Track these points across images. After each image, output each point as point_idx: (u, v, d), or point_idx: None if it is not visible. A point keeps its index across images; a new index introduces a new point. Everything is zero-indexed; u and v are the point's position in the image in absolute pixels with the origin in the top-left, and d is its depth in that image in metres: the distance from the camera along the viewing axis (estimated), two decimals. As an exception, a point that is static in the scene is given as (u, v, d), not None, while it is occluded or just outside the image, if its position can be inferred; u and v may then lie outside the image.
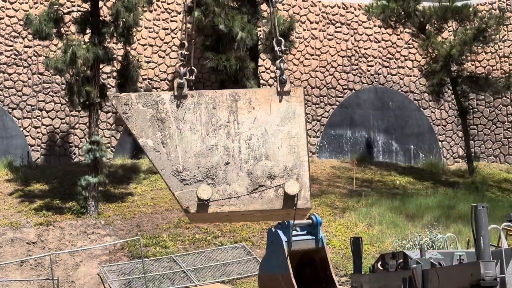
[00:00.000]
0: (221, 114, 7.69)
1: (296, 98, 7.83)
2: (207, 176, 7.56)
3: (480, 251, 10.05)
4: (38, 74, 31.37)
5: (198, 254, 23.44)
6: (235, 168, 7.60)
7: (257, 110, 7.73)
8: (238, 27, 28.02)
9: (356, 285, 14.86)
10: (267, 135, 7.69)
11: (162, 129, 7.61)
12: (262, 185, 7.59)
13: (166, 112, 7.66)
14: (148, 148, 7.58)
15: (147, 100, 7.67)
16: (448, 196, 28.04)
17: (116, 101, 7.64)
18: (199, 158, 7.59)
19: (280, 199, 7.60)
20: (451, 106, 35.35)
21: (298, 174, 7.64)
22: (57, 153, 31.30)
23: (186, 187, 7.52)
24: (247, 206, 7.55)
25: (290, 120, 7.76)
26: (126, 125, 7.89)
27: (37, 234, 24.48)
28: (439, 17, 31.91)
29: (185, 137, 7.62)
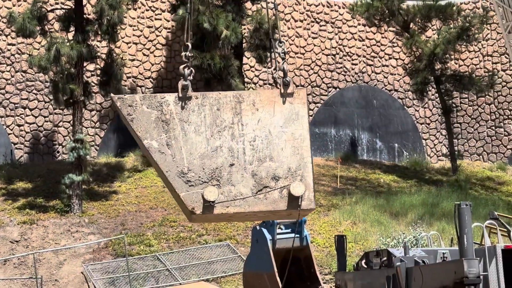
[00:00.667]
0: (225, 115, 7.73)
1: (300, 99, 7.91)
2: (212, 178, 7.59)
3: (464, 249, 10.11)
4: (22, 72, 31.20)
5: (182, 253, 23.41)
6: (239, 170, 7.64)
7: (261, 111, 7.79)
8: (223, 25, 27.99)
9: (340, 283, 14.90)
10: (271, 137, 7.75)
11: (167, 131, 7.62)
12: (266, 186, 7.64)
13: (170, 113, 7.67)
14: (153, 150, 7.58)
15: (152, 101, 7.67)
16: (431, 194, 28.16)
17: (121, 102, 7.64)
18: (204, 160, 7.62)
19: (284, 200, 7.65)
20: (435, 105, 35.50)
21: (302, 175, 7.71)
22: (41, 151, 31.16)
23: (192, 188, 7.54)
24: (252, 207, 7.61)
25: (294, 122, 7.82)
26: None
27: (21, 232, 24.35)
28: (423, 15, 32.04)
29: (190, 139, 7.64)
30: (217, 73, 28.86)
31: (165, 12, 32.96)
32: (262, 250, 12.98)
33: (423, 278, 11.40)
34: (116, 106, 7.73)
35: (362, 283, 13.83)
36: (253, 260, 13.51)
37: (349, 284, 14.44)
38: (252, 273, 13.50)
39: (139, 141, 7.71)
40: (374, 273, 13.29)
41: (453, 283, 10.37)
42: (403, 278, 11.92)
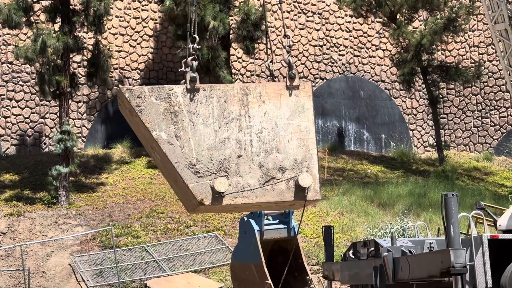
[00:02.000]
0: (232, 107, 7.81)
1: (305, 92, 8.04)
2: (220, 169, 7.67)
3: (450, 239, 10.16)
4: (7, 64, 31.03)
5: (170, 244, 23.41)
6: (247, 161, 7.73)
7: (267, 104, 7.89)
8: (210, 16, 27.93)
9: (328, 274, 14.95)
10: (277, 129, 7.86)
11: (176, 122, 7.68)
12: (273, 178, 7.76)
13: (179, 105, 7.73)
14: (162, 141, 7.63)
15: (160, 93, 7.73)
16: (418, 185, 28.27)
17: (129, 94, 7.69)
18: (212, 151, 7.69)
19: (291, 191, 7.78)
20: (421, 95, 35.60)
21: (307, 166, 7.85)
22: (28, 143, 31.03)
23: (200, 179, 7.62)
24: (260, 198, 7.72)
25: (299, 114, 7.95)
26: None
27: (8, 224, 24.27)
28: (410, 6, 32.08)
29: (198, 130, 7.71)
30: (205, 64, 28.79)
31: (152, 3, 32.85)
32: (250, 241, 13.00)
33: (410, 268, 11.46)
34: (123, 97, 7.74)
35: (350, 273, 13.88)
36: (241, 251, 13.52)
37: (336, 274, 14.49)
38: (240, 264, 13.51)
39: (147, 133, 7.72)
40: (362, 263, 13.34)
41: (439, 272, 10.43)
42: (390, 268, 11.98)
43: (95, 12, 25.94)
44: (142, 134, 8.03)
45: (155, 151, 7.98)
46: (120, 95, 7.91)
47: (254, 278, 12.79)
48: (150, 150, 8.23)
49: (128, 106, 7.79)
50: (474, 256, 10.98)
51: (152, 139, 7.72)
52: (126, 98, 7.70)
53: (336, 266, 14.70)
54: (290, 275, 13.07)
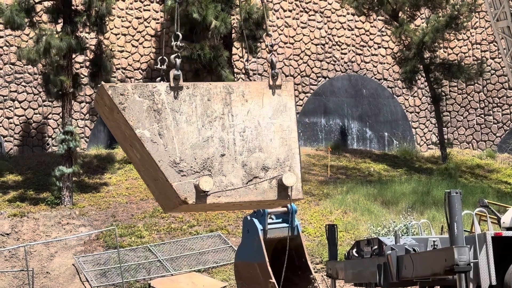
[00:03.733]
0: (215, 106, 7.78)
1: (287, 92, 8.05)
2: (203, 168, 7.64)
3: (454, 236, 10.16)
4: (10, 65, 31.07)
5: (173, 244, 23.42)
6: (230, 160, 7.72)
7: (250, 103, 7.88)
8: (212, 15, 27.93)
9: (331, 272, 14.95)
10: (260, 128, 7.86)
11: (159, 120, 7.63)
12: (256, 177, 7.75)
13: (162, 103, 7.68)
14: (145, 139, 7.57)
15: (143, 90, 7.67)
16: (422, 183, 28.25)
17: (112, 91, 7.60)
18: (195, 150, 7.66)
19: (274, 190, 7.78)
20: (424, 93, 35.58)
21: (290, 166, 7.84)
22: (31, 143, 31.07)
23: (184, 178, 7.58)
24: (243, 197, 7.70)
25: (282, 113, 7.96)
26: (106, 116, 7.73)
27: (11, 225, 24.30)
28: (412, 4, 32.05)
29: (181, 129, 7.67)
30: (207, 64, 28.81)
31: (154, 3, 32.87)
32: (253, 240, 13.00)
33: (414, 266, 11.46)
34: (105, 94, 7.64)
35: (353, 271, 13.88)
36: (245, 250, 13.53)
37: (340, 273, 14.50)
38: (244, 263, 13.52)
39: (129, 131, 7.65)
40: (365, 261, 13.34)
41: (443, 270, 10.43)
42: (394, 266, 11.97)
43: (97, 12, 25.96)
44: (121, 132, 7.94)
45: (134, 149, 7.91)
46: (101, 92, 7.79)
47: (258, 277, 12.80)
48: (128, 148, 8.13)
49: (108, 103, 7.70)
50: (478, 254, 10.98)
51: (134, 137, 7.65)
52: (108, 95, 7.60)
53: (339, 265, 14.70)
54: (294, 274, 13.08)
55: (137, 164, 8.26)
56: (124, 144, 8.22)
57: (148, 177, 8.16)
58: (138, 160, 8.06)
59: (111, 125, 8.15)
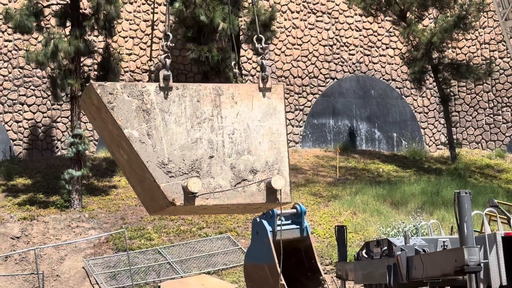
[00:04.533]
0: (205, 107, 7.71)
1: (277, 95, 7.96)
2: (192, 169, 7.56)
3: (464, 237, 10.13)
4: (19, 68, 31.17)
5: (183, 246, 23.44)
6: (219, 162, 7.65)
7: (240, 105, 7.81)
8: (219, 18, 27.96)
9: (341, 273, 14.93)
10: (249, 130, 7.78)
11: (148, 121, 7.55)
12: (245, 179, 7.68)
13: (151, 103, 7.61)
14: (134, 139, 7.49)
15: (133, 90, 7.60)
16: (431, 183, 28.19)
17: (101, 90, 7.50)
18: (184, 151, 7.59)
19: (262, 193, 7.71)
20: (432, 94, 35.50)
21: (278, 169, 7.77)
22: (40, 147, 31.16)
23: (172, 179, 7.50)
24: (231, 199, 7.63)
25: (271, 116, 7.87)
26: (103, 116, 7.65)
27: (21, 228, 24.37)
28: (420, 4, 32.01)
29: (170, 129, 7.59)
30: (215, 66, 28.83)
31: (162, 6, 32.92)
32: (263, 241, 12.99)
33: (424, 266, 11.43)
34: (94, 93, 7.55)
35: (363, 272, 13.85)
36: (254, 252, 13.52)
37: (350, 274, 14.47)
38: (253, 265, 13.51)
39: (117, 130, 7.55)
40: (375, 262, 13.31)
41: (453, 271, 10.40)
42: (404, 267, 11.95)
43: (105, 15, 26.02)
44: (108, 132, 7.85)
45: (121, 150, 7.82)
46: (89, 91, 7.68)
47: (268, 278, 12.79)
48: (115, 149, 8.03)
49: (96, 102, 7.60)
50: (488, 254, 10.94)
51: (122, 137, 7.56)
52: (97, 94, 7.50)
53: (349, 266, 14.68)
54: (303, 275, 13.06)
55: (123, 165, 8.16)
56: (111, 145, 8.12)
57: (134, 179, 8.08)
58: (125, 161, 7.96)
59: (98, 125, 8.05)
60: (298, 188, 27.63)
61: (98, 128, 8.15)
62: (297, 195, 26.70)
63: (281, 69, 33.99)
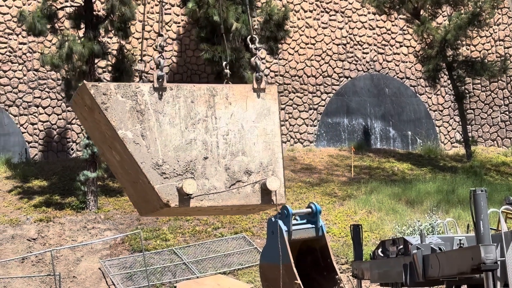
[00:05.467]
0: (199, 108, 7.66)
1: (271, 95, 7.92)
2: (186, 170, 7.51)
3: (480, 235, 10.08)
4: (33, 71, 31.32)
5: (198, 246, 23.47)
6: (213, 163, 7.60)
7: (234, 106, 7.77)
8: (233, 17, 27.96)
9: (357, 272, 14.90)
10: (243, 131, 7.74)
11: (142, 121, 7.48)
12: (239, 181, 7.64)
13: (145, 104, 7.53)
14: (128, 140, 7.40)
15: (126, 90, 7.51)
16: (446, 181, 28.08)
17: (95, 90, 7.41)
18: (178, 152, 7.52)
19: (256, 194, 7.67)
20: (447, 91, 35.37)
21: (273, 170, 7.74)
22: (55, 149, 31.29)
23: (166, 180, 7.43)
24: (226, 201, 7.58)
25: (265, 117, 7.84)
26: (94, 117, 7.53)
27: (37, 230, 24.49)
28: (433, 2, 31.88)
29: (164, 130, 7.53)
30: (229, 66, 28.84)
31: (175, 7, 32.97)
32: (278, 241, 12.98)
33: (440, 265, 11.39)
34: (87, 93, 7.46)
35: (379, 271, 13.82)
36: (269, 252, 13.52)
37: (366, 273, 14.44)
38: (269, 265, 13.51)
39: (110, 131, 7.48)
40: (391, 261, 13.28)
41: (470, 269, 10.35)
42: (420, 265, 11.91)
43: (120, 17, 26.08)
44: (101, 133, 7.76)
45: (113, 151, 7.74)
46: (82, 92, 7.59)
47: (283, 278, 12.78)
48: (106, 150, 7.95)
49: (89, 103, 7.52)
50: (505, 252, 10.88)
51: (115, 138, 7.48)
52: (90, 94, 7.41)
53: (365, 265, 14.65)
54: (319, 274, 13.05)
55: (115, 166, 8.08)
56: (102, 146, 8.03)
57: (126, 180, 8.00)
58: (117, 162, 7.88)
59: (89, 126, 7.96)
60: (313, 188, 27.61)
61: (89, 129, 8.05)
62: (312, 195, 26.67)
63: (294, 69, 33.96)
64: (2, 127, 30.89)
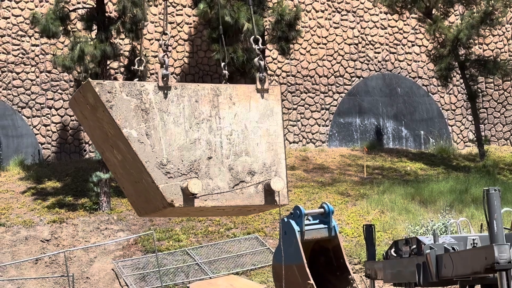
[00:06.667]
0: (203, 108, 7.63)
1: (274, 96, 7.91)
2: (190, 170, 7.47)
3: (494, 234, 10.04)
4: (46, 72, 31.44)
5: (211, 247, 23.50)
6: (217, 163, 7.57)
7: (237, 106, 7.75)
8: (244, 18, 27.98)
9: (370, 272, 14.87)
10: (247, 131, 7.72)
11: (146, 120, 7.44)
12: (243, 181, 7.62)
13: (150, 103, 7.50)
14: (133, 139, 7.35)
15: (131, 89, 7.48)
16: (459, 181, 27.99)
17: (100, 88, 7.37)
18: (182, 152, 7.49)
19: (260, 195, 7.65)
20: (460, 90, 35.25)
21: (276, 171, 7.72)
22: (68, 150, 31.40)
23: (171, 180, 7.39)
24: (229, 201, 7.55)
25: (268, 118, 7.82)
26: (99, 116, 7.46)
27: (51, 231, 24.59)
28: (445, 1, 31.79)
29: (169, 130, 7.49)
30: (240, 67, 28.86)
31: (186, 8, 33.02)
32: (291, 241, 12.98)
33: (454, 265, 11.35)
34: (91, 91, 7.41)
35: (392, 271, 13.79)
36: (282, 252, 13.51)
37: (379, 273, 14.41)
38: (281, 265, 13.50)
39: (114, 130, 7.43)
40: (404, 261, 13.25)
41: (484, 269, 10.31)
42: (433, 265, 11.87)
43: (131, 18, 26.14)
44: (102, 132, 7.70)
45: (115, 150, 7.68)
46: (86, 89, 7.53)
47: (296, 278, 12.78)
48: (107, 149, 7.87)
49: (92, 101, 7.47)
50: (518, 251, 10.83)
51: (119, 137, 7.42)
52: (95, 92, 7.36)
53: (378, 265, 14.62)
54: (332, 275, 13.03)
55: (115, 166, 8.00)
56: (102, 145, 7.96)
57: (126, 180, 7.94)
58: (117, 162, 7.82)
59: (89, 124, 7.91)
60: (325, 188, 27.58)
61: (89, 127, 8.00)
62: (325, 195, 26.65)
63: (306, 69, 33.94)
64: (15, 129, 31.04)
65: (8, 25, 31.37)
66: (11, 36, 31.35)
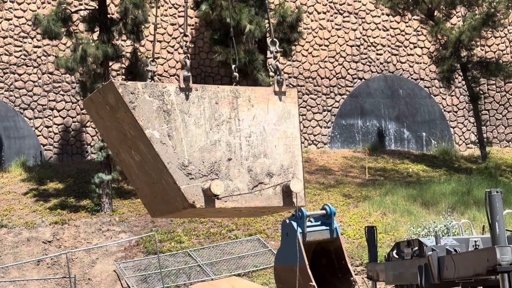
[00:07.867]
0: (223, 109, 7.68)
1: (291, 99, 7.95)
2: (211, 171, 7.52)
3: (496, 236, 10.04)
4: (48, 74, 31.47)
5: (213, 248, 23.50)
6: (236, 165, 7.61)
7: (256, 108, 7.80)
8: (246, 20, 27.99)
9: (372, 274, 14.86)
10: (265, 133, 7.77)
11: (168, 121, 7.48)
12: (261, 182, 7.66)
13: (171, 104, 7.54)
14: (155, 140, 7.39)
15: (153, 90, 7.52)
16: (462, 183, 27.97)
17: (123, 89, 7.41)
18: (203, 153, 7.53)
19: (278, 196, 7.69)
20: (462, 92, 35.24)
21: (293, 173, 7.77)
22: (70, 151, 31.42)
23: (192, 181, 7.43)
24: (249, 202, 7.59)
25: (286, 120, 7.87)
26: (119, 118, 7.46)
27: (53, 233, 24.60)
28: (448, 3, 31.78)
29: (190, 131, 7.53)
30: (243, 68, 28.88)
31: (188, 9, 33.03)
32: (293, 243, 12.98)
33: (456, 266, 11.34)
34: (113, 92, 7.44)
35: (394, 273, 13.78)
36: (284, 253, 13.51)
37: (380, 275, 14.41)
38: (283, 267, 13.50)
39: (134, 131, 7.46)
40: (406, 263, 13.24)
41: (486, 271, 10.31)
42: (435, 267, 11.87)
43: (133, 20, 26.17)
44: (120, 132, 7.71)
45: (133, 151, 7.70)
46: (107, 89, 7.54)
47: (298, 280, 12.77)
48: (124, 150, 7.89)
49: (113, 101, 7.49)
50: (520, 253, 10.82)
51: (140, 138, 7.45)
52: (118, 93, 7.38)
53: (380, 267, 14.61)
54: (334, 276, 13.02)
55: (131, 167, 8.02)
56: (119, 146, 7.97)
57: (142, 181, 7.96)
58: (134, 163, 7.84)
59: (105, 125, 7.91)
60: (327, 189, 27.58)
61: (104, 128, 8.02)
62: (327, 196, 26.64)
63: (308, 70, 33.94)
64: (18, 130, 31.06)
65: (10, 26, 31.41)
66: (13, 37, 31.38)
